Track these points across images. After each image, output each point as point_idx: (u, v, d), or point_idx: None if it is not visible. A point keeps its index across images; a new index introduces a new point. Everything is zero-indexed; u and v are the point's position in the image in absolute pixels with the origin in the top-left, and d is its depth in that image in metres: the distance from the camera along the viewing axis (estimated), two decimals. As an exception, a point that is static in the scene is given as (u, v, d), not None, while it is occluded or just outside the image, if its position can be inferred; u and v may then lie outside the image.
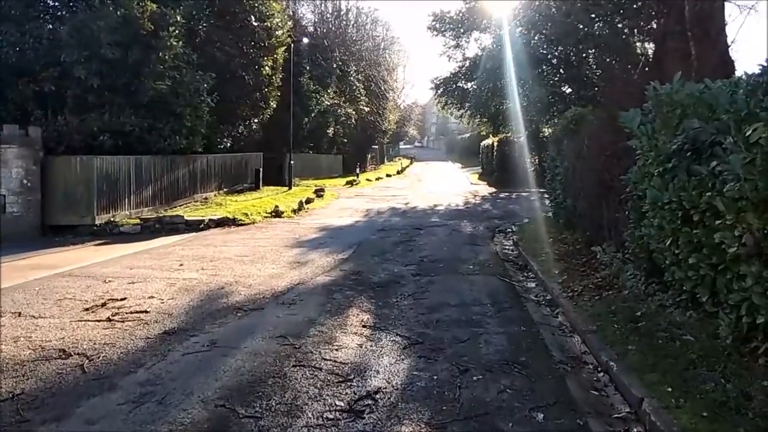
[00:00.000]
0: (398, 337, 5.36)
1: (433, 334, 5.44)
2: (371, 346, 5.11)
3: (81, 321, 5.88)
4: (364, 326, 5.70)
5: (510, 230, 13.03)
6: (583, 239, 8.99)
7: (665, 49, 8.55)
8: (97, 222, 12.76)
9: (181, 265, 8.99)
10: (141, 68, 13.41)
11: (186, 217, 13.60)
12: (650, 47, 27.90)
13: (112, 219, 13.14)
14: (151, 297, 6.88)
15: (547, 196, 12.49)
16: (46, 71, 12.58)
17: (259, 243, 11.28)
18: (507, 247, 10.90)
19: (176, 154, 15.89)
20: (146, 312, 6.18)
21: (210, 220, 13.84)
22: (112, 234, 12.60)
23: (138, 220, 13.20)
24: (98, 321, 5.88)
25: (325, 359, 4.75)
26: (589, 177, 8.60)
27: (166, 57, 13.77)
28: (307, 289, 7.35)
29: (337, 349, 5.00)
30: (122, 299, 6.75)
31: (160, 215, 13.67)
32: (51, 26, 13.22)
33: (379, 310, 6.33)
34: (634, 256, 6.43)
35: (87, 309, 6.34)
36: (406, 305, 6.56)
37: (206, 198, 17.93)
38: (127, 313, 6.17)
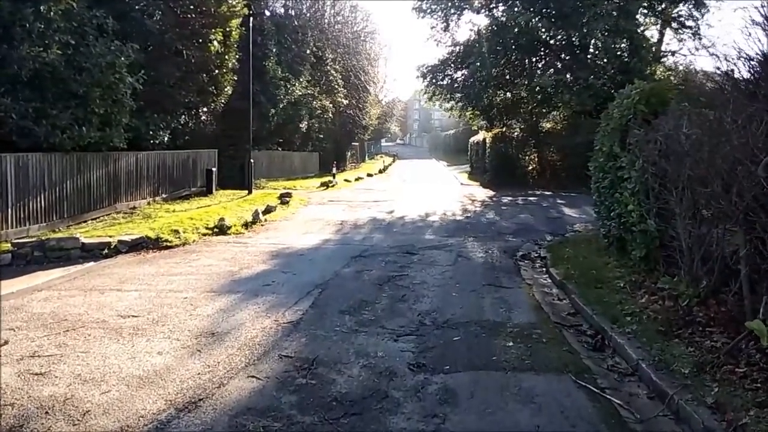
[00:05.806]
0: None
1: None
2: None
3: None
4: None
5: (537, 255, 9.40)
6: (694, 292, 5.33)
7: None
8: (-56, 249, 8.77)
9: (5, 342, 5.13)
10: (12, 28, 9.36)
11: (84, 240, 9.64)
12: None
13: (-29, 244, 9.15)
14: None
15: (596, 209, 8.81)
16: None
17: (173, 284, 7.45)
18: (548, 290, 7.21)
19: (86, 150, 11.91)
20: None
21: (120, 242, 9.90)
22: (-35, 267, 8.63)
23: (9, 246, 9.21)
24: None
25: None
26: (709, 187, 4.97)
27: (53, 14, 9.72)
28: None
29: None
30: None
31: (44, 238, 9.67)
32: None
33: None
34: None
35: None
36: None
37: (134, 208, 13.94)
38: None
